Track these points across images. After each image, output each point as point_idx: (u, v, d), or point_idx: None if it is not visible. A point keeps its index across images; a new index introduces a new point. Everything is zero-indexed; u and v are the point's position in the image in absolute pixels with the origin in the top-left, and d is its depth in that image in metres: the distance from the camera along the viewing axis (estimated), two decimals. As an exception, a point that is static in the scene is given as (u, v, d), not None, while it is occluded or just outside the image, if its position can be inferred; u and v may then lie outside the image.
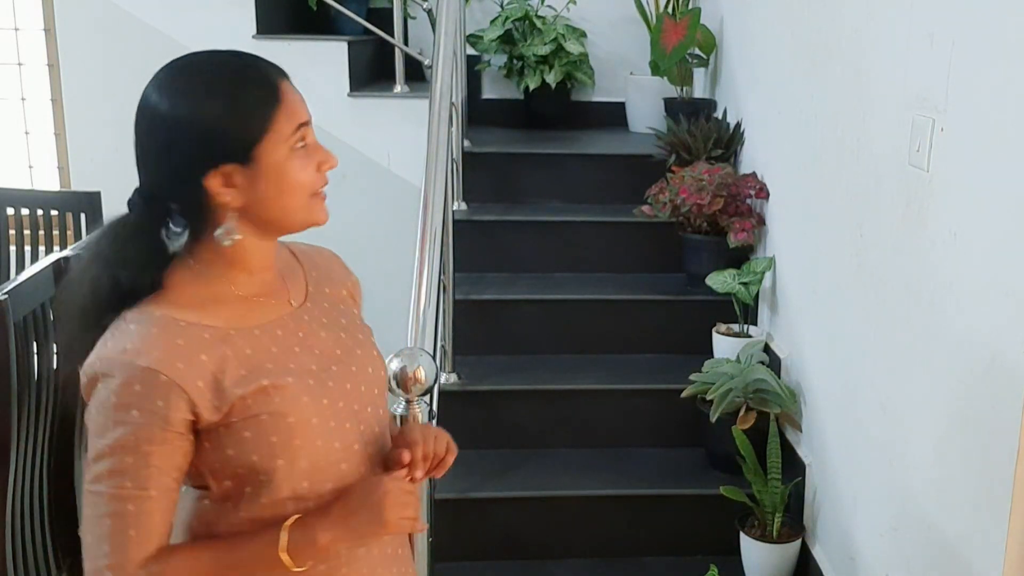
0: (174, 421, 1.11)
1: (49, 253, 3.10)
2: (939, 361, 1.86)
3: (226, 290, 1.19)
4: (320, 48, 3.76)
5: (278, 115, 1.15)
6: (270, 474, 1.16)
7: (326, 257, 1.38)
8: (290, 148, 1.16)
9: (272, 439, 1.16)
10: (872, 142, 2.19)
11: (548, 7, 4.20)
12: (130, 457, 1.10)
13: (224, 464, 1.16)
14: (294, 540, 1.16)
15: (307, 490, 1.19)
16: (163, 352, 1.11)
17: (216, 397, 1.13)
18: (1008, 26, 1.60)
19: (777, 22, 2.99)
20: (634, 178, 3.41)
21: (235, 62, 1.17)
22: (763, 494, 2.58)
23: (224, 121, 1.13)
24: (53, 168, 4.11)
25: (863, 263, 2.24)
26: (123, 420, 1.10)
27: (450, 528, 2.61)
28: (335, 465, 1.22)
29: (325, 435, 1.20)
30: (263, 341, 1.19)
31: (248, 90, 1.14)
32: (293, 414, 1.17)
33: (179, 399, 1.11)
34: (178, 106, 1.12)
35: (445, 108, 2.65)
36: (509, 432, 2.97)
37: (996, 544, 1.62)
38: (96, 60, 3.79)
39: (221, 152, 1.13)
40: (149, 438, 1.10)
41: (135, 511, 1.11)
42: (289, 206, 1.17)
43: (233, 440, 1.15)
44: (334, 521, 1.18)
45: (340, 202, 1.90)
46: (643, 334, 3.19)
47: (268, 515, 1.18)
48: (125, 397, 1.10)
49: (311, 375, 1.21)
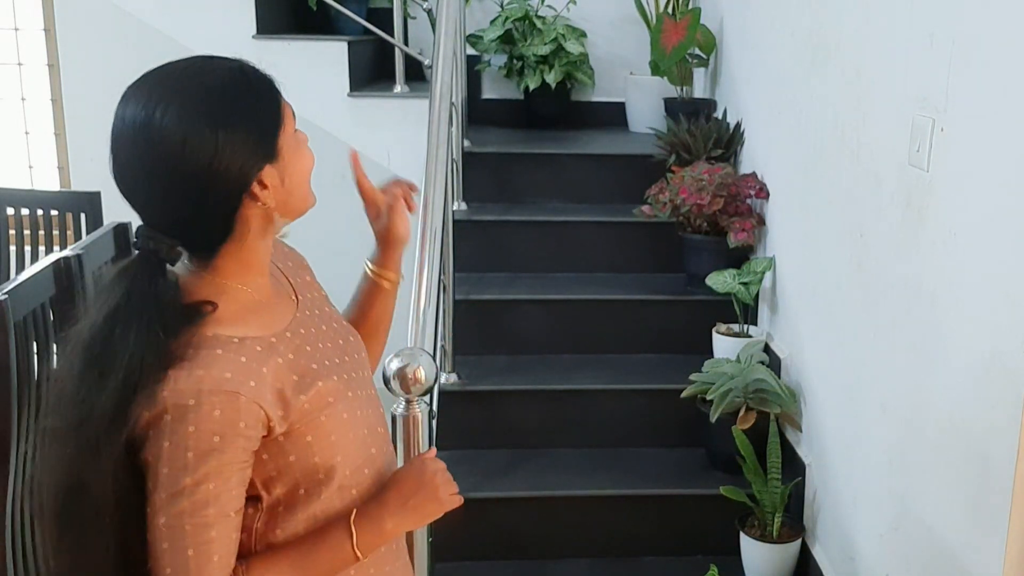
0: (254, 440, 1.10)
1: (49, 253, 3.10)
2: (939, 361, 1.86)
3: (249, 298, 1.18)
4: (320, 48, 3.76)
5: (284, 108, 1.17)
6: (330, 472, 1.18)
7: (278, 246, 1.34)
8: (293, 134, 1.18)
9: (332, 438, 1.18)
10: (872, 142, 2.19)
11: (548, 7, 4.20)
12: (212, 484, 1.08)
13: (282, 471, 1.16)
14: (362, 532, 1.19)
15: (349, 479, 1.21)
16: (235, 372, 1.08)
17: (283, 408, 1.13)
18: (1008, 26, 1.60)
19: (777, 22, 2.99)
20: (634, 178, 3.41)
21: (235, 70, 1.15)
22: (763, 494, 2.58)
23: (254, 128, 1.12)
24: (53, 168, 4.11)
25: (863, 263, 2.24)
26: (207, 449, 1.07)
27: (450, 528, 2.61)
28: (367, 450, 1.25)
29: (357, 424, 1.23)
30: (296, 343, 1.19)
31: (260, 90, 1.16)
32: (345, 410, 1.20)
33: (256, 419, 1.10)
34: (204, 135, 1.07)
35: (445, 108, 2.65)
36: (509, 432, 2.97)
37: (996, 544, 1.62)
38: (96, 60, 3.79)
39: (262, 157, 1.12)
40: (232, 462, 1.09)
41: (217, 536, 1.09)
42: (306, 190, 1.21)
43: (295, 446, 1.15)
44: (394, 508, 1.22)
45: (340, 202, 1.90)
46: (643, 334, 3.19)
47: (320, 512, 1.19)
48: (206, 424, 1.07)
49: (341, 369, 1.23)
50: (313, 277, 1.37)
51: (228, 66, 1.15)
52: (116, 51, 3.73)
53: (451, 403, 2.89)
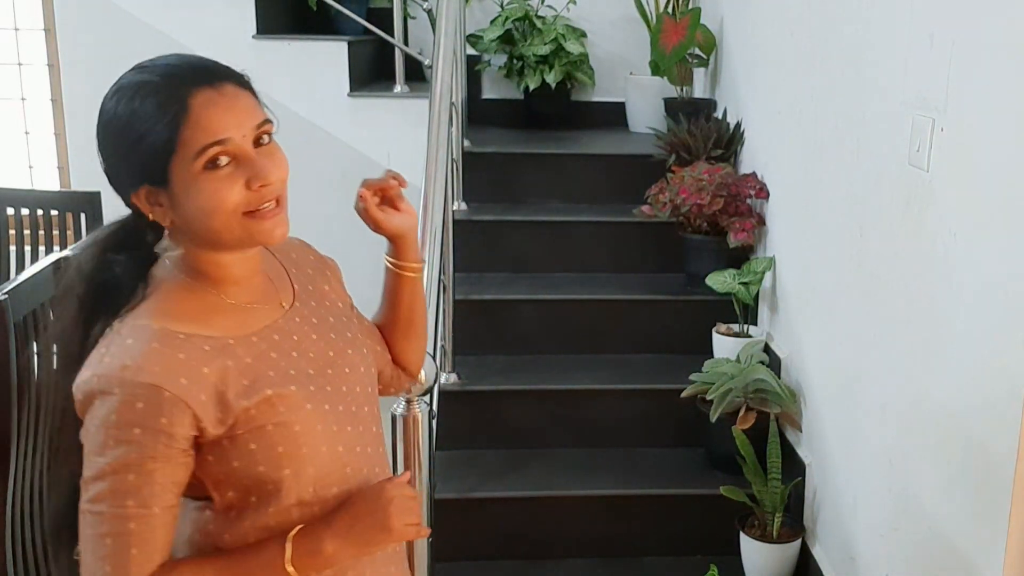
0: (178, 438, 1.08)
1: (49, 253, 3.10)
2: (939, 361, 1.86)
3: (218, 300, 1.17)
4: (320, 48, 3.76)
5: (183, 134, 1.07)
6: (277, 484, 1.15)
7: (298, 250, 1.35)
8: (201, 168, 1.08)
9: (279, 449, 1.14)
10: (872, 142, 2.19)
11: (548, 7, 4.20)
12: (132, 475, 1.07)
13: (229, 476, 1.14)
14: (299, 551, 1.14)
15: (312, 496, 1.18)
16: (165, 367, 1.08)
17: (220, 410, 1.11)
18: (1008, 26, 1.60)
19: (777, 22, 2.99)
20: (634, 178, 3.41)
21: (149, 76, 1.10)
22: (763, 494, 2.58)
23: (133, 142, 1.09)
24: (53, 168, 4.11)
25: (863, 263, 2.24)
26: (125, 439, 1.07)
27: (450, 528, 2.61)
28: (340, 470, 1.20)
29: (329, 441, 1.18)
30: (262, 348, 1.17)
31: (152, 108, 1.08)
32: (299, 422, 1.15)
33: (183, 415, 1.08)
34: (101, 132, 1.12)
35: (445, 108, 2.64)
36: (509, 432, 2.97)
37: (996, 544, 1.62)
38: (96, 60, 3.79)
39: (138, 172, 1.10)
40: (153, 456, 1.08)
41: (137, 529, 1.08)
42: (214, 227, 1.11)
43: (239, 452, 1.13)
44: (339, 530, 1.16)
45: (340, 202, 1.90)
46: (643, 334, 3.19)
47: (274, 523, 1.16)
48: (126, 416, 1.07)
49: (311, 380, 1.19)
50: (335, 286, 1.35)
51: (143, 78, 1.10)
52: (116, 51, 3.72)
53: (451, 403, 2.89)
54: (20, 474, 1.95)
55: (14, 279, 2.02)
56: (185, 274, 1.17)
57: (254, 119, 1.11)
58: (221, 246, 1.14)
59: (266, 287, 1.24)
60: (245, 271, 1.19)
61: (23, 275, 2.04)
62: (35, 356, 2.02)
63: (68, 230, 3.25)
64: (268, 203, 1.12)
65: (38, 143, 4.19)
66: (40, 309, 2.04)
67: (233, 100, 1.10)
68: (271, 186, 1.11)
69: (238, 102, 1.11)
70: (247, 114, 1.11)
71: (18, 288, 1.95)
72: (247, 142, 1.10)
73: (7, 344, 1.87)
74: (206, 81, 1.09)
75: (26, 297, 1.98)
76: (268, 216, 1.12)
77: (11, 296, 1.89)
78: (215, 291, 1.17)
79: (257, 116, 1.12)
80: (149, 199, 1.11)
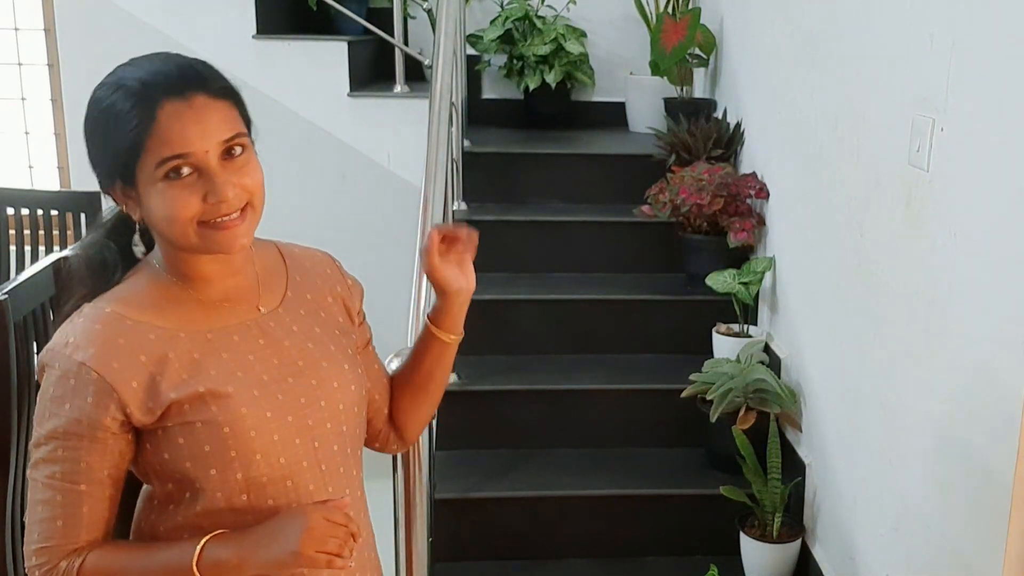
0: (102, 419, 1.11)
1: (49, 253, 3.10)
2: (939, 361, 1.86)
3: (183, 293, 1.19)
4: (320, 48, 3.76)
5: (148, 142, 1.10)
6: (202, 483, 1.15)
7: (318, 261, 1.34)
8: (162, 176, 1.10)
9: (205, 448, 1.14)
10: (872, 142, 2.19)
11: (548, 7, 4.20)
12: (61, 449, 1.12)
13: (161, 466, 1.16)
14: (207, 556, 1.13)
15: (246, 503, 1.17)
16: (100, 349, 1.11)
17: (150, 399, 1.12)
18: (1008, 26, 1.60)
19: (777, 22, 2.99)
20: (634, 178, 3.41)
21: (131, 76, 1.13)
22: (763, 494, 2.58)
23: (106, 140, 1.13)
24: (53, 168, 4.11)
25: (863, 263, 2.24)
26: (57, 412, 1.12)
27: (450, 528, 2.61)
28: (279, 481, 1.18)
29: (266, 449, 1.17)
30: (214, 346, 1.17)
31: (124, 111, 1.10)
32: (229, 425, 1.14)
33: (108, 399, 1.11)
34: (86, 118, 1.16)
35: (445, 108, 2.65)
36: (509, 432, 2.96)
37: (996, 544, 1.62)
38: (96, 60, 3.73)
39: (110, 167, 1.14)
40: (78, 433, 1.12)
41: (63, 502, 1.13)
42: (173, 233, 1.13)
43: (168, 444, 1.14)
44: (247, 544, 1.14)
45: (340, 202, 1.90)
46: (643, 334, 3.19)
47: (206, 524, 1.16)
48: (60, 390, 1.12)
49: (258, 386, 1.18)
50: (344, 305, 1.33)
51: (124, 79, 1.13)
52: (116, 51, 3.65)
53: (451, 403, 2.87)
54: (20, 474, 1.95)
55: (14, 279, 2.02)
56: (161, 266, 1.20)
57: (223, 133, 1.12)
58: (183, 249, 1.16)
59: (246, 288, 1.24)
60: (217, 271, 1.20)
61: (23, 275, 2.04)
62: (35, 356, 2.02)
63: (68, 230, 3.25)
64: (227, 215, 1.13)
65: (38, 143, 4.19)
66: (40, 309, 2.04)
67: (202, 113, 1.11)
68: (227, 202, 1.12)
69: (208, 115, 1.11)
70: (216, 128, 1.11)
71: (18, 288, 1.95)
72: (212, 156, 1.11)
73: (7, 344, 1.87)
74: (178, 92, 1.10)
75: (26, 297, 1.98)
76: (227, 227, 1.13)
77: (11, 296, 1.89)
78: (184, 285, 1.19)
79: (228, 130, 1.13)
80: (122, 193, 1.15)
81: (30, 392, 1.96)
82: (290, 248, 1.34)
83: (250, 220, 1.15)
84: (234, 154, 1.13)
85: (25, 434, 1.95)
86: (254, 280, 1.25)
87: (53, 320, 1.21)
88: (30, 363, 1.98)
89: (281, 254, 1.31)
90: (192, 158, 1.10)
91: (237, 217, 1.13)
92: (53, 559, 1.14)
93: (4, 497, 1.91)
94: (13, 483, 1.93)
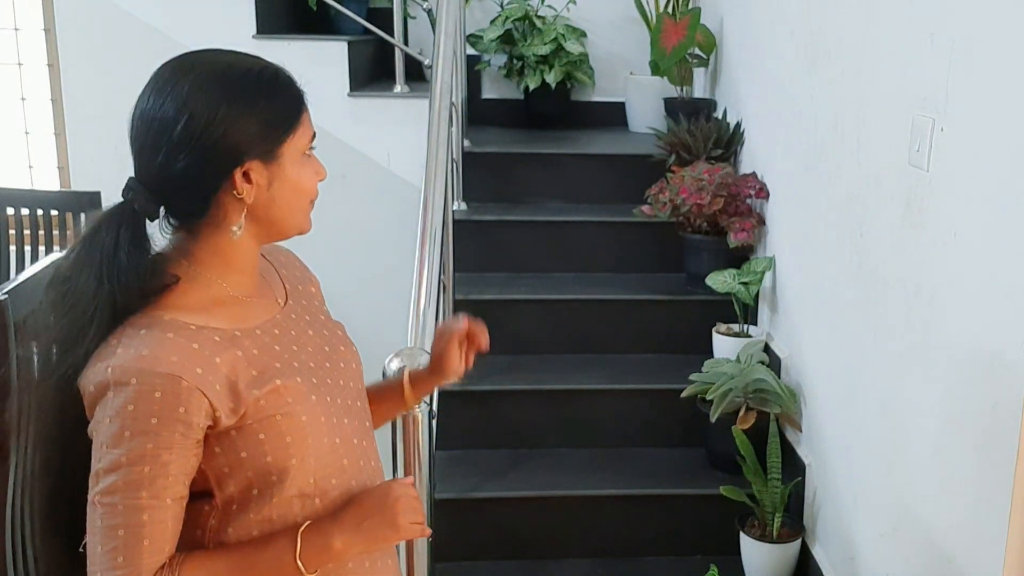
0: (196, 427, 1.10)
1: (49, 253, 3.10)
2: (939, 361, 1.86)
3: (223, 292, 1.19)
4: (320, 48, 3.76)
5: (303, 120, 1.19)
6: (283, 474, 1.16)
7: (287, 255, 1.39)
8: (303, 153, 1.20)
9: (287, 439, 1.16)
10: (872, 142, 2.19)
11: (548, 7, 4.20)
12: (147, 467, 1.09)
13: (235, 467, 1.15)
14: (308, 546, 1.16)
15: (312, 487, 1.20)
16: (182, 357, 1.09)
17: (233, 400, 1.12)
18: (1008, 26, 1.60)
19: (777, 22, 2.99)
20: (634, 178, 3.41)
21: (266, 66, 1.19)
22: (763, 494, 2.58)
23: (258, 118, 1.14)
24: (53, 168, 4.11)
25: (863, 263, 2.24)
26: (142, 429, 1.08)
27: (450, 528, 2.61)
28: (338, 461, 1.23)
29: (330, 432, 1.21)
30: (266, 341, 1.20)
31: (283, 92, 1.18)
32: (305, 413, 1.17)
33: (200, 404, 1.09)
34: (210, 104, 1.11)
35: (445, 108, 2.64)
36: (509, 432, 2.97)
37: (996, 544, 1.62)
38: (96, 60, 3.79)
39: (252, 147, 1.14)
40: (169, 446, 1.09)
41: (149, 520, 1.10)
42: (294, 207, 1.20)
43: (247, 442, 1.14)
44: (347, 526, 1.18)
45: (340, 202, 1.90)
46: (643, 334, 3.19)
47: (276, 516, 1.18)
48: (144, 405, 1.07)
49: (312, 373, 1.22)
50: (317, 288, 1.39)
51: (263, 63, 1.19)
52: (116, 51, 3.73)
53: (451, 403, 2.88)
54: (20, 474, 1.94)
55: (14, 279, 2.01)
56: (192, 262, 1.18)
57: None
58: (281, 229, 1.21)
59: (262, 284, 1.27)
60: (252, 262, 1.23)
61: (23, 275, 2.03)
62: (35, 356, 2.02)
63: (68, 230, 3.24)
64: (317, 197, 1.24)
65: (38, 143, 4.18)
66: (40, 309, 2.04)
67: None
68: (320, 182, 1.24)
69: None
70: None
71: (18, 288, 1.95)
72: None
73: (7, 344, 1.87)
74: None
75: (26, 297, 1.98)
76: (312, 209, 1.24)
77: (11, 296, 1.89)
78: (221, 281, 1.19)
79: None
80: (247, 177, 1.15)
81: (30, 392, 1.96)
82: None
83: None
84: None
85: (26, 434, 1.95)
86: (263, 277, 1.28)
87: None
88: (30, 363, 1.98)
89: (262, 252, 1.31)
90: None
91: None
92: None
93: (4, 497, 1.91)
94: (13, 483, 1.92)
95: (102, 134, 3.74)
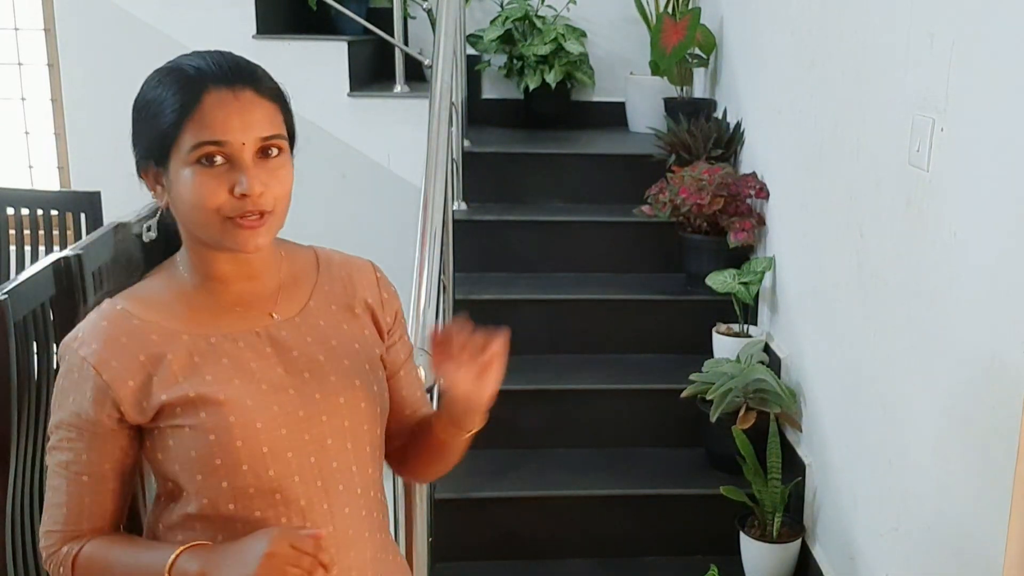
0: (98, 416, 1.13)
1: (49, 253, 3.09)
2: (939, 361, 1.86)
3: (198, 295, 1.18)
4: (320, 48, 3.76)
5: (187, 125, 1.09)
6: (188, 487, 1.15)
7: (355, 269, 1.30)
8: (194, 160, 1.09)
9: (191, 453, 1.13)
10: (872, 142, 2.19)
11: (548, 7, 4.20)
12: (66, 440, 1.15)
13: (157, 466, 1.18)
14: (178, 566, 1.11)
15: (233, 512, 1.14)
16: (101, 346, 1.13)
17: (144, 399, 1.13)
18: (1008, 26, 1.60)
19: (777, 22, 2.99)
20: (634, 178, 3.41)
21: (185, 65, 1.13)
22: (763, 494, 2.58)
23: (149, 124, 1.13)
24: (53, 168, 4.11)
25: (863, 263, 2.24)
26: (62, 404, 1.15)
27: (450, 528, 2.61)
28: (267, 494, 1.15)
29: (253, 460, 1.13)
30: (216, 351, 1.15)
31: (170, 94, 1.11)
32: (215, 432, 1.12)
33: (104, 396, 1.13)
34: (135, 100, 1.16)
35: (445, 108, 2.64)
36: (509, 432, 2.96)
37: (997, 544, 1.62)
38: (96, 60, 3.79)
39: (146, 149, 1.15)
40: (79, 427, 1.14)
41: (67, 490, 1.16)
42: (197, 221, 1.12)
43: (161, 445, 1.15)
44: (213, 562, 1.10)
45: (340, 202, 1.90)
46: (643, 334, 3.19)
47: (199, 527, 1.16)
48: (66, 382, 1.15)
49: (255, 395, 1.14)
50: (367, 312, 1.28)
51: (175, 67, 1.14)
52: (116, 51, 3.73)
53: (451, 403, 2.88)
54: (20, 474, 1.95)
55: (14, 279, 2.01)
56: (184, 266, 1.20)
57: (263, 130, 1.12)
58: (204, 241, 1.15)
59: (262, 293, 1.21)
60: (234, 272, 1.18)
61: (23, 275, 2.03)
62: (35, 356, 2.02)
63: (68, 230, 3.24)
64: (250, 215, 1.11)
65: (38, 143, 4.18)
66: (40, 309, 2.04)
67: (247, 107, 1.11)
68: (251, 198, 1.10)
69: (253, 110, 1.12)
70: (257, 123, 1.11)
71: (18, 288, 1.95)
72: (247, 151, 1.10)
73: (7, 344, 1.87)
74: (227, 82, 1.11)
75: (26, 297, 1.98)
76: (246, 226, 1.11)
77: (11, 296, 1.89)
78: (199, 287, 1.19)
79: (268, 128, 1.12)
80: (153, 178, 1.16)
81: (30, 392, 1.96)
82: (329, 255, 1.30)
83: (270, 224, 1.13)
84: (270, 155, 1.12)
85: (25, 434, 1.95)
86: (275, 286, 1.22)
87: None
88: (30, 363, 1.98)
89: (317, 261, 1.28)
90: (228, 147, 1.09)
91: (258, 219, 1.11)
92: (57, 543, 1.17)
93: (4, 497, 1.91)
94: (13, 483, 1.93)
95: (102, 134, 3.74)
